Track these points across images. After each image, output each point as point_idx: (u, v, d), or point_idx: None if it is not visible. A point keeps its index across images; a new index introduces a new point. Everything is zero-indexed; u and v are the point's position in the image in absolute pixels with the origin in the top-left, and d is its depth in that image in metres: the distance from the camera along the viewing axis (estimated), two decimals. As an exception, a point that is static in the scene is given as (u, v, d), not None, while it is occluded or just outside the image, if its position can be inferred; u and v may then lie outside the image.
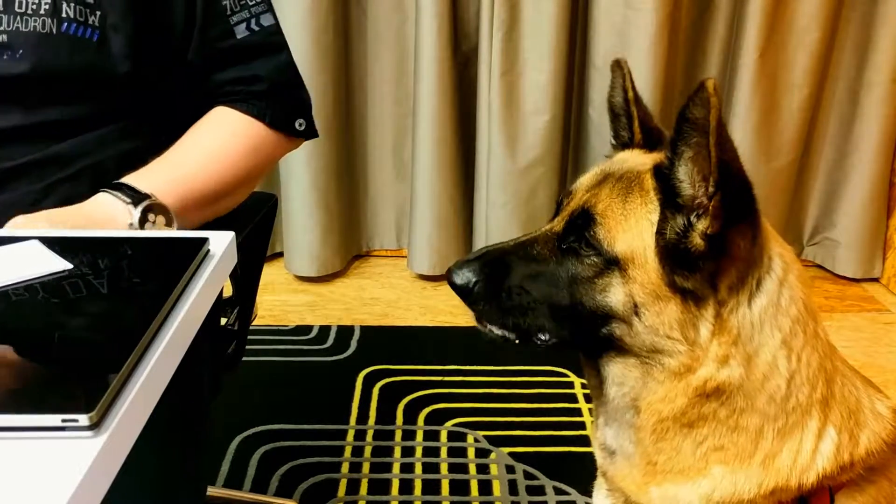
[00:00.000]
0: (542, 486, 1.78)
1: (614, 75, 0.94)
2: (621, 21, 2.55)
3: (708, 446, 0.85)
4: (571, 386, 2.14)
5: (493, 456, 1.87)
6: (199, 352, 1.04)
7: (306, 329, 2.45)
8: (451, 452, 1.88)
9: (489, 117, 2.62)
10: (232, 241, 0.85)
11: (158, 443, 0.88)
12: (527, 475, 1.81)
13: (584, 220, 0.85)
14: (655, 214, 0.83)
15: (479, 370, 2.21)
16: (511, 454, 1.87)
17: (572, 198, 0.90)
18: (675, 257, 0.81)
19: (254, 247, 1.29)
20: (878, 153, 2.72)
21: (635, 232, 0.83)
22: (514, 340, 0.89)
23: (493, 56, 2.56)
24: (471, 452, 1.89)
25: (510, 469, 1.83)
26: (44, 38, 0.99)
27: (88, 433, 0.54)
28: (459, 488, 1.76)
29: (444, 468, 1.83)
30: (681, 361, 0.82)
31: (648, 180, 0.84)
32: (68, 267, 0.76)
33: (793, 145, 2.75)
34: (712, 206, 0.78)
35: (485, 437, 1.94)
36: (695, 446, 0.86)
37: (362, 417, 2.00)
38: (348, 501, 1.72)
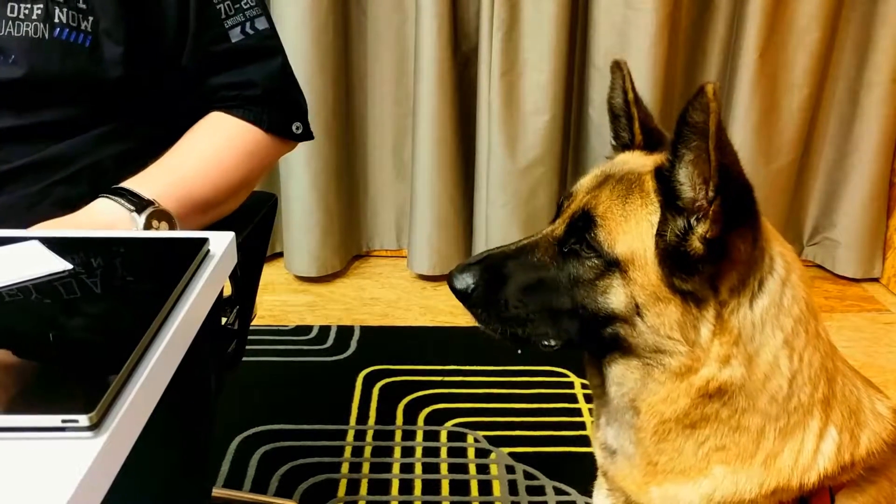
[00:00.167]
0: (542, 486, 1.78)
1: (614, 76, 0.94)
2: (621, 21, 2.55)
3: (709, 446, 0.85)
4: (571, 386, 2.14)
5: (493, 456, 1.87)
6: (202, 352, 1.04)
7: (306, 329, 2.45)
8: (451, 452, 1.88)
9: (489, 117, 2.62)
10: (232, 241, 0.85)
11: (163, 443, 0.88)
12: (527, 475, 1.81)
13: (585, 221, 0.85)
14: (656, 216, 0.82)
15: (479, 370, 2.20)
16: (511, 454, 1.87)
17: (573, 199, 0.90)
18: (675, 259, 0.81)
19: (254, 247, 1.29)
20: (878, 153, 2.72)
21: (636, 234, 0.83)
22: (516, 348, 0.89)
23: (493, 56, 2.55)
24: (471, 452, 1.89)
25: (510, 469, 1.83)
26: (36, 43, 0.99)
27: (88, 434, 0.54)
28: (459, 488, 1.76)
29: (444, 468, 1.83)
30: (681, 362, 0.82)
31: (649, 182, 0.84)
32: (68, 267, 0.76)
33: (793, 145, 2.75)
34: (712, 210, 0.78)
35: (485, 437, 1.94)
36: (696, 447, 0.86)
37: (362, 417, 2.00)
38: (348, 501, 1.72)
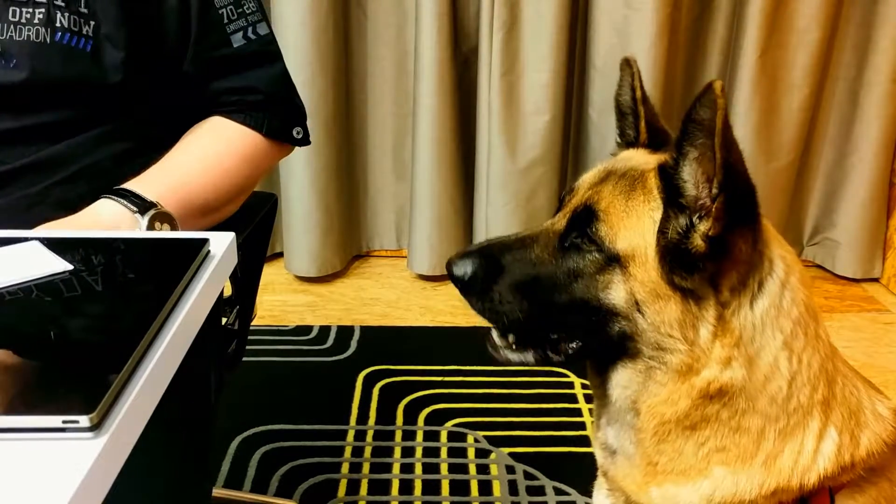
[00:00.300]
0: (542, 486, 1.77)
1: (623, 74, 0.94)
2: (621, 21, 2.55)
3: (710, 447, 0.85)
4: (571, 386, 2.14)
5: (493, 456, 1.87)
6: (204, 352, 1.04)
7: (306, 329, 2.45)
8: (451, 453, 1.88)
9: (489, 117, 2.62)
10: (232, 241, 0.85)
11: (164, 444, 0.88)
12: (527, 475, 1.81)
13: (587, 216, 0.85)
14: (658, 213, 0.82)
15: (479, 370, 2.20)
16: (511, 454, 1.87)
17: (575, 194, 0.91)
18: (676, 257, 0.81)
19: (254, 247, 1.29)
20: (878, 153, 2.72)
21: (637, 230, 0.83)
22: (529, 361, 0.89)
23: (493, 56, 2.55)
24: (471, 453, 1.89)
25: (510, 469, 1.83)
26: (37, 47, 0.99)
27: (89, 434, 0.54)
28: (459, 488, 1.76)
29: (444, 468, 1.83)
30: (682, 360, 0.82)
31: (652, 179, 0.84)
32: (69, 268, 0.76)
33: (793, 145, 2.75)
34: (715, 208, 0.78)
35: (485, 437, 1.93)
36: (696, 447, 0.86)
37: (362, 418, 2.00)
38: (348, 502, 1.72)
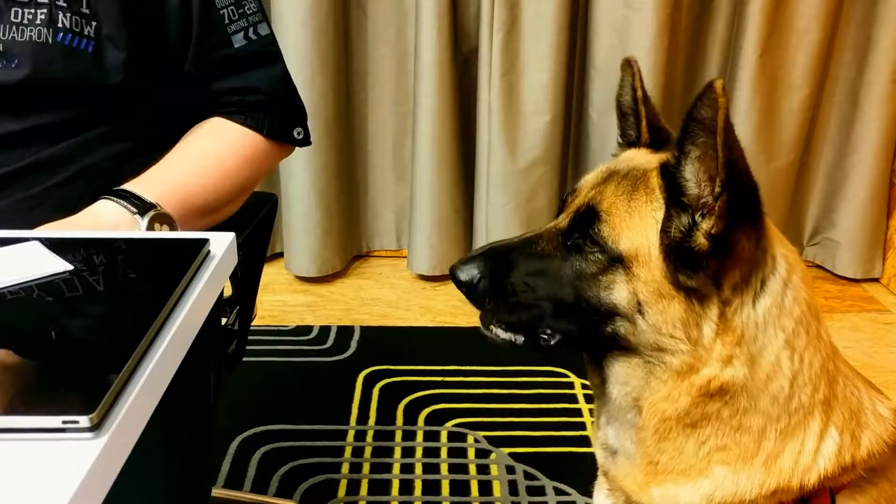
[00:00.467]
0: (543, 486, 1.77)
1: (623, 74, 0.94)
2: (621, 21, 2.55)
3: (710, 446, 0.85)
4: (571, 386, 2.14)
5: (493, 456, 1.87)
6: (204, 352, 1.04)
7: (306, 329, 2.45)
8: (452, 453, 1.88)
9: (489, 118, 2.61)
10: (232, 241, 0.85)
11: (164, 444, 0.88)
12: (527, 475, 1.81)
13: (589, 216, 0.85)
14: (660, 213, 0.82)
15: (479, 370, 2.20)
16: (511, 454, 1.87)
17: (577, 195, 0.91)
18: (680, 256, 0.81)
19: (254, 247, 1.29)
20: (878, 153, 2.72)
21: (640, 230, 0.83)
22: (519, 342, 0.88)
23: (493, 56, 2.55)
24: (471, 453, 1.88)
25: (510, 469, 1.83)
26: (39, 47, 0.99)
27: (89, 435, 0.54)
28: (460, 489, 1.76)
29: (444, 469, 1.83)
30: (683, 360, 0.82)
31: (654, 178, 0.84)
32: (69, 268, 0.76)
33: (793, 145, 2.75)
34: (718, 207, 0.78)
35: (485, 437, 1.93)
36: (697, 446, 0.86)
37: (362, 418, 2.00)
38: (348, 502, 1.72)
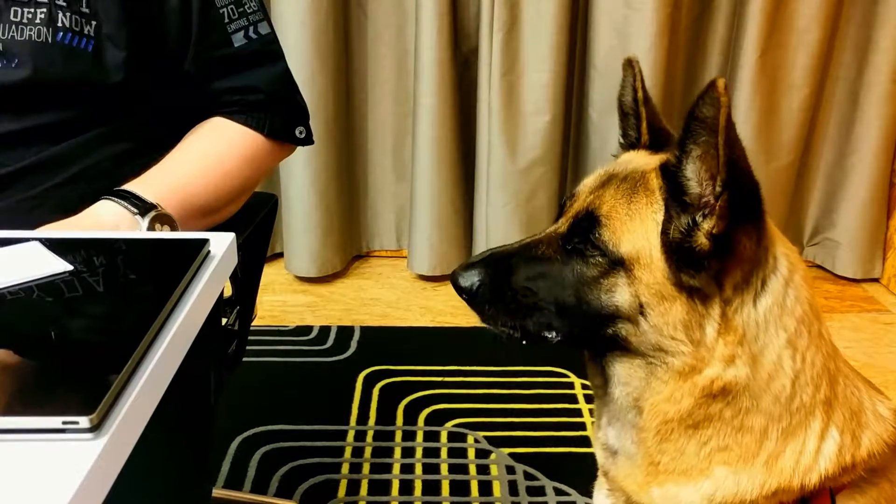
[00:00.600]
0: (543, 486, 1.77)
1: (625, 74, 0.94)
2: (621, 21, 2.55)
3: (712, 447, 0.85)
4: (571, 386, 2.14)
5: (493, 456, 1.87)
6: (204, 353, 1.04)
7: (306, 329, 2.45)
8: (452, 453, 1.88)
9: (489, 118, 2.61)
10: (232, 242, 0.85)
11: (164, 444, 0.88)
12: (527, 476, 1.81)
13: (589, 221, 0.85)
14: (660, 214, 0.82)
15: (479, 370, 2.20)
16: (511, 455, 1.87)
17: (575, 199, 0.90)
18: (681, 257, 0.81)
19: (254, 247, 1.29)
20: (878, 153, 2.72)
21: (640, 232, 0.82)
22: (521, 341, 0.88)
23: (493, 56, 2.55)
24: (471, 453, 1.88)
25: (510, 470, 1.83)
26: (39, 47, 0.99)
27: (89, 435, 0.54)
28: (460, 489, 1.76)
29: (444, 469, 1.83)
30: (685, 361, 0.82)
31: (654, 180, 0.84)
32: (69, 268, 0.76)
33: (793, 145, 2.75)
34: (719, 206, 0.78)
35: (485, 437, 1.93)
36: (699, 447, 0.85)
37: (362, 418, 2.00)
38: (348, 502, 1.72)
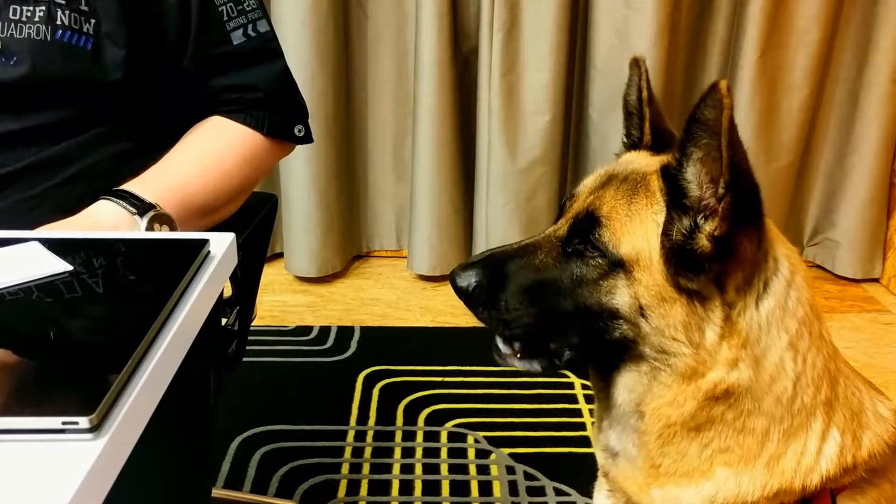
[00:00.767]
0: (543, 486, 1.77)
1: (631, 73, 0.94)
2: (621, 21, 2.55)
3: (713, 449, 0.85)
4: (571, 386, 2.14)
5: (493, 457, 1.87)
6: (204, 353, 1.04)
7: (306, 330, 2.45)
8: (452, 453, 1.88)
9: (489, 118, 2.61)
10: (232, 242, 0.85)
11: (164, 444, 0.88)
12: (527, 476, 1.80)
13: (589, 222, 0.85)
14: (661, 216, 0.82)
15: (479, 370, 2.20)
16: (511, 455, 1.87)
17: (576, 200, 0.90)
18: (681, 259, 0.80)
19: (254, 247, 1.29)
20: (878, 153, 2.72)
21: (641, 234, 0.82)
22: (535, 369, 0.89)
23: (493, 56, 2.55)
24: (471, 453, 1.88)
25: (510, 470, 1.82)
26: (38, 45, 0.99)
27: (89, 436, 0.53)
28: (460, 489, 1.76)
29: (444, 469, 1.83)
30: (686, 364, 0.82)
31: (654, 181, 0.84)
32: (68, 268, 0.76)
33: (793, 146, 2.75)
34: (721, 208, 0.78)
35: (485, 437, 1.93)
36: (700, 449, 0.85)
37: (362, 418, 2.00)
38: (348, 502, 1.71)
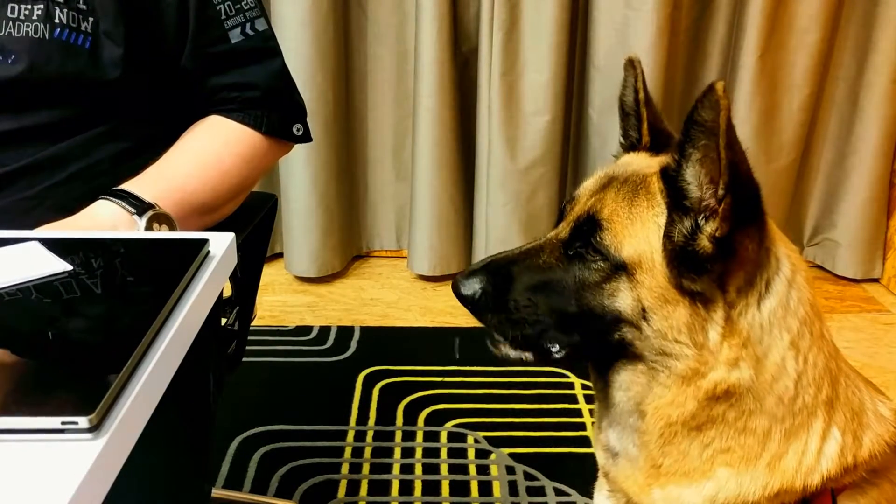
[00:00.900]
0: (543, 486, 1.77)
1: (627, 74, 0.94)
2: (621, 21, 2.55)
3: (714, 448, 0.85)
4: (571, 386, 2.14)
5: (493, 457, 1.87)
6: (204, 352, 1.04)
7: (306, 330, 2.45)
8: (452, 453, 1.88)
9: (489, 118, 2.61)
10: (232, 242, 0.85)
11: (164, 444, 0.88)
12: (527, 476, 1.80)
13: (590, 226, 0.84)
14: (662, 217, 0.82)
15: (479, 370, 2.20)
16: (511, 455, 1.87)
17: (576, 203, 0.90)
18: (683, 260, 0.80)
19: (254, 247, 1.29)
20: (878, 153, 2.71)
21: (642, 236, 0.82)
22: (528, 359, 0.88)
23: (493, 56, 2.55)
24: (471, 453, 1.88)
25: (510, 470, 1.82)
26: (36, 43, 0.99)
27: (88, 436, 0.53)
28: (459, 489, 1.76)
29: (444, 469, 1.83)
30: (688, 365, 0.82)
31: (655, 183, 0.83)
32: (68, 268, 0.76)
33: (793, 146, 2.75)
34: (722, 209, 0.78)
35: (485, 437, 1.93)
36: (701, 449, 0.85)
37: (362, 418, 2.00)
38: (348, 502, 1.71)
